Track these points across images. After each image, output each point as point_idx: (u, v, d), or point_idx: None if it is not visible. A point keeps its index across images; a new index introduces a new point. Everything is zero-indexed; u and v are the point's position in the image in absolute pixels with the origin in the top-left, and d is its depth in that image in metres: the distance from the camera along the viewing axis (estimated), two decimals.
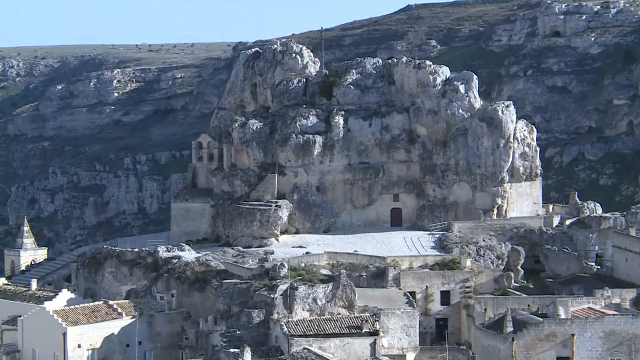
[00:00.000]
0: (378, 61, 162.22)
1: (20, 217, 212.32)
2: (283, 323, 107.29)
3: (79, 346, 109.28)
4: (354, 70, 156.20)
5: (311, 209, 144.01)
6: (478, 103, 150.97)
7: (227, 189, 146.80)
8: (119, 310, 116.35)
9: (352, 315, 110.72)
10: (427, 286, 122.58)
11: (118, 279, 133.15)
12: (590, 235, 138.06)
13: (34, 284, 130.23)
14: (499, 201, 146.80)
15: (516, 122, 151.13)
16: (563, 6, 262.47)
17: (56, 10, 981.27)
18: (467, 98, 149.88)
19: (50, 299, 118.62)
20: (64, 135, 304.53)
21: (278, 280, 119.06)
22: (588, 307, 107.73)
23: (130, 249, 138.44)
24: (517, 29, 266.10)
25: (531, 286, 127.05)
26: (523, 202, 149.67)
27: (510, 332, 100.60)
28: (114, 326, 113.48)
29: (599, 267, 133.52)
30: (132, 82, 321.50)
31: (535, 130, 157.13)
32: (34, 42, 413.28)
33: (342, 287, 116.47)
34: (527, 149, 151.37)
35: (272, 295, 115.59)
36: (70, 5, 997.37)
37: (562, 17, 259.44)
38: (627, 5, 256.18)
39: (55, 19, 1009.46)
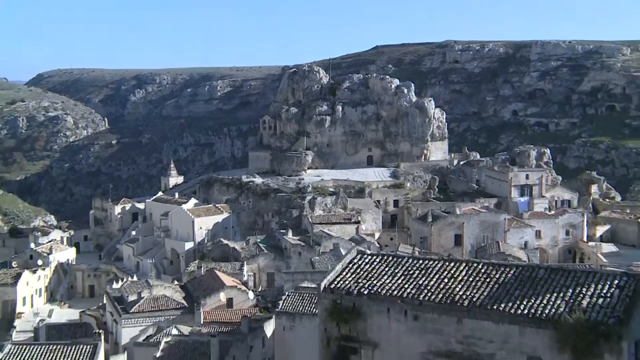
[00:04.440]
0: (360, 76, 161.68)
1: (168, 159, 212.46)
2: (309, 216, 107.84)
3: (200, 228, 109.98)
4: (347, 81, 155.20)
5: (324, 155, 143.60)
6: (414, 99, 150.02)
7: (278, 145, 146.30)
8: (221, 209, 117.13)
9: (346, 213, 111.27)
10: (386, 197, 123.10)
11: (221, 192, 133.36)
12: (474, 170, 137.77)
13: (176, 195, 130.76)
14: (425, 152, 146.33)
15: (434, 109, 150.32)
16: (460, 46, 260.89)
17: (193, 45, 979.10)
18: (408, 96, 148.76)
19: (185, 203, 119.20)
20: (192, 116, 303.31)
21: (306, 194, 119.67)
22: (472, 208, 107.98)
23: (227, 177, 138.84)
24: (435, 58, 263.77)
25: (442, 197, 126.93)
26: (438, 152, 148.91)
27: (430, 222, 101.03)
28: (219, 218, 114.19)
29: (477, 186, 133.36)
30: (228, 87, 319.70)
31: (444, 113, 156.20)
32: (176, 65, 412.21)
33: (340, 197, 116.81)
34: (440, 124, 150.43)
35: (303, 202, 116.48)
36: (196, 43, 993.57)
37: (459, 52, 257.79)
38: (494, 46, 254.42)
39: (189, 51, 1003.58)
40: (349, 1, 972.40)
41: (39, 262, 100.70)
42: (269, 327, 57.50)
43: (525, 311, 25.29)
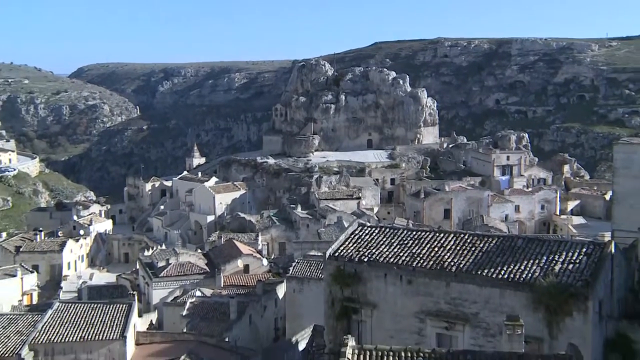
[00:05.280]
0: (362, 69, 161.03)
1: (192, 142, 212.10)
2: (316, 193, 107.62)
3: (220, 203, 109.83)
4: (350, 73, 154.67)
5: (329, 139, 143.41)
6: (408, 89, 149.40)
7: (289, 129, 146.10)
8: (239, 186, 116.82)
9: (348, 190, 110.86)
10: (384, 176, 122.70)
11: (238, 172, 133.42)
12: (461, 152, 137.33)
13: (199, 174, 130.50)
14: (418, 136, 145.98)
15: (426, 98, 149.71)
16: (449, 43, 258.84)
17: (213, 42, 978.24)
18: (403, 87, 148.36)
19: (207, 181, 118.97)
20: (212, 104, 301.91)
21: (313, 173, 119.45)
22: (459, 185, 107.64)
23: (243, 158, 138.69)
24: (428, 53, 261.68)
25: (433, 176, 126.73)
26: (429, 136, 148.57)
27: (422, 197, 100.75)
28: (237, 194, 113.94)
29: (464, 166, 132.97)
30: (244, 79, 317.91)
31: (435, 102, 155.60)
32: (199, 59, 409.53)
33: (344, 176, 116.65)
34: (431, 111, 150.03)
35: (310, 180, 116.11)
36: (216, 40, 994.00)
37: (449, 48, 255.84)
38: (479, 43, 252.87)
39: (210, 47, 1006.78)
40: (352, 2, 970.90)
41: (81, 232, 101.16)
42: (281, 290, 57.73)
43: (505, 276, 25.39)
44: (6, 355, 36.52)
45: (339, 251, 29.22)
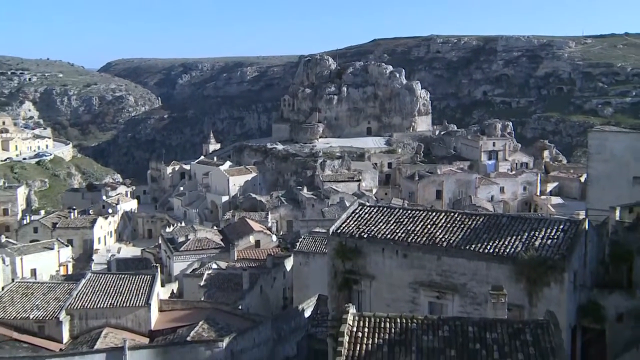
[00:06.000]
0: (362, 63, 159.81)
1: (208, 130, 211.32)
2: (320, 176, 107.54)
3: (234, 185, 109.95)
4: (351, 67, 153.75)
5: (332, 127, 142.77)
6: (404, 82, 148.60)
7: (296, 118, 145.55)
8: (250, 170, 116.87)
9: (350, 173, 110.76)
10: (381, 161, 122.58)
11: (250, 157, 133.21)
12: (452, 138, 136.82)
13: (215, 159, 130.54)
14: (413, 124, 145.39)
15: (420, 90, 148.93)
16: (441, 40, 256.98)
17: (228, 38, 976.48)
18: (400, 79, 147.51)
19: (221, 165, 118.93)
20: (227, 95, 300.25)
21: (318, 158, 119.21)
22: (450, 169, 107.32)
23: (254, 144, 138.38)
24: (421, 49, 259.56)
25: (426, 160, 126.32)
26: (423, 124, 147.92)
27: (416, 180, 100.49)
28: (249, 177, 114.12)
29: (454, 152, 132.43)
30: (255, 72, 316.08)
31: (428, 93, 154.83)
32: (214, 54, 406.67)
33: (345, 160, 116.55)
34: (425, 101, 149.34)
35: (315, 164, 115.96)
36: (230, 36, 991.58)
37: (441, 44, 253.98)
38: (468, 40, 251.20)
39: (224, 43, 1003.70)
40: (353, 3, 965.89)
41: (110, 210, 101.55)
42: (289, 263, 57.91)
43: (491, 250, 25.45)
44: (47, 318, 37.25)
45: (341, 228, 29.30)
